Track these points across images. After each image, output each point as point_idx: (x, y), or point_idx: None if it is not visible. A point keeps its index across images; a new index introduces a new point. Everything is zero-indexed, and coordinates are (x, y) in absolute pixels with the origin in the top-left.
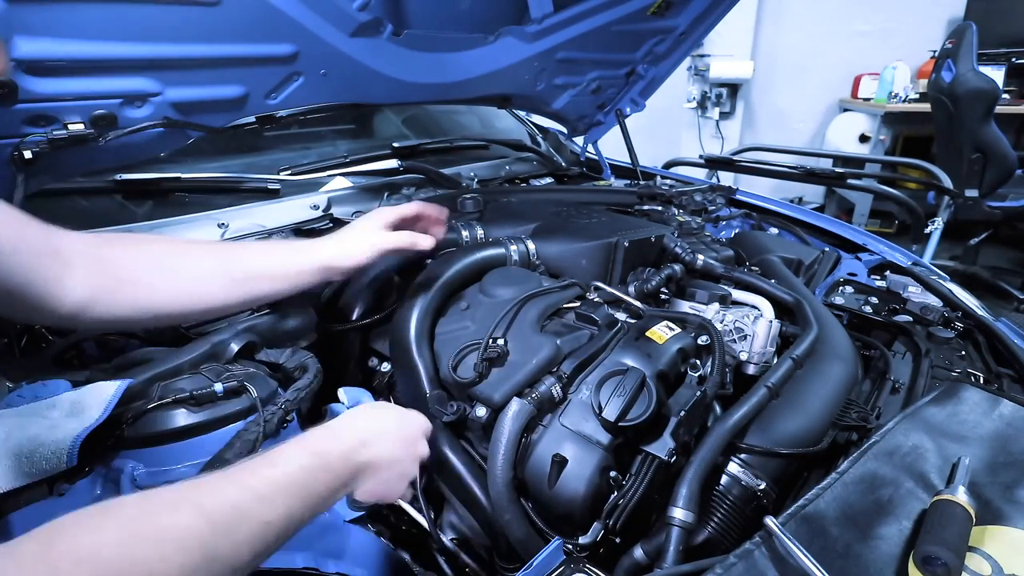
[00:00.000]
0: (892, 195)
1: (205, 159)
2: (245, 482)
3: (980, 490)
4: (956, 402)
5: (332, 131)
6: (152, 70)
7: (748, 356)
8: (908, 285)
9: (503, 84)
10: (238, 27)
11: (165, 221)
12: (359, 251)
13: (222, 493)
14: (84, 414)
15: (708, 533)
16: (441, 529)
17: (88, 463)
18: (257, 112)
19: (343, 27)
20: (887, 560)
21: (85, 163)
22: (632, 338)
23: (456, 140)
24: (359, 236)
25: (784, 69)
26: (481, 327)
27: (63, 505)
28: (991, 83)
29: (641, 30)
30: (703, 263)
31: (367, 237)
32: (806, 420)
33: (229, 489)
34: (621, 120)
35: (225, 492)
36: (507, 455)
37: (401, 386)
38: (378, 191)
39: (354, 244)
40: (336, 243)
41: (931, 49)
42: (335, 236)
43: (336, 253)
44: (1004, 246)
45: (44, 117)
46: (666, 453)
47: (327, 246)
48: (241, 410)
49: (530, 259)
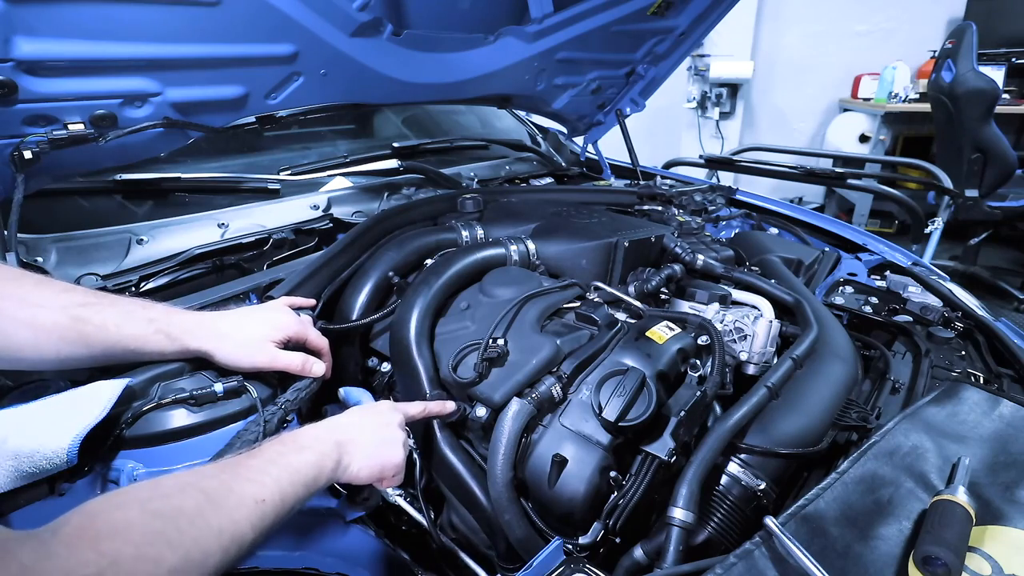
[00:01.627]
0: (892, 195)
1: (205, 159)
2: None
3: (980, 490)
4: (956, 402)
5: (332, 131)
6: (152, 70)
7: (748, 356)
8: (908, 285)
9: (503, 84)
10: (238, 27)
11: (165, 221)
12: (240, 358)
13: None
14: (84, 414)
15: (708, 533)
16: (441, 529)
17: (88, 463)
18: (257, 112)
19: (343, 27)
20: (887, 560)
21: (85, 163)
22: (632, 338)
23: (456, 140)
24: (246, 343)
25: (784, 69)
26: (481, 327)
27: (63, 505)
28: (991, 83)
29: (641, 30)
30: (703, 263)
31: (256, 349)
32: (806, 420)
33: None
34: (621, 120)
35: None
36: (507, 455)
37: (401, 386)
38: (378, 191)
39: (239, 349)
40: (217, 338)
41: (931, 49)
42: (218, 327)
43: (214, 348)
44: (1004, 246)
45: (44, 117)
46: (666, 453)
47: (206, 337)
48: (241, 410)
49: (530, 259)
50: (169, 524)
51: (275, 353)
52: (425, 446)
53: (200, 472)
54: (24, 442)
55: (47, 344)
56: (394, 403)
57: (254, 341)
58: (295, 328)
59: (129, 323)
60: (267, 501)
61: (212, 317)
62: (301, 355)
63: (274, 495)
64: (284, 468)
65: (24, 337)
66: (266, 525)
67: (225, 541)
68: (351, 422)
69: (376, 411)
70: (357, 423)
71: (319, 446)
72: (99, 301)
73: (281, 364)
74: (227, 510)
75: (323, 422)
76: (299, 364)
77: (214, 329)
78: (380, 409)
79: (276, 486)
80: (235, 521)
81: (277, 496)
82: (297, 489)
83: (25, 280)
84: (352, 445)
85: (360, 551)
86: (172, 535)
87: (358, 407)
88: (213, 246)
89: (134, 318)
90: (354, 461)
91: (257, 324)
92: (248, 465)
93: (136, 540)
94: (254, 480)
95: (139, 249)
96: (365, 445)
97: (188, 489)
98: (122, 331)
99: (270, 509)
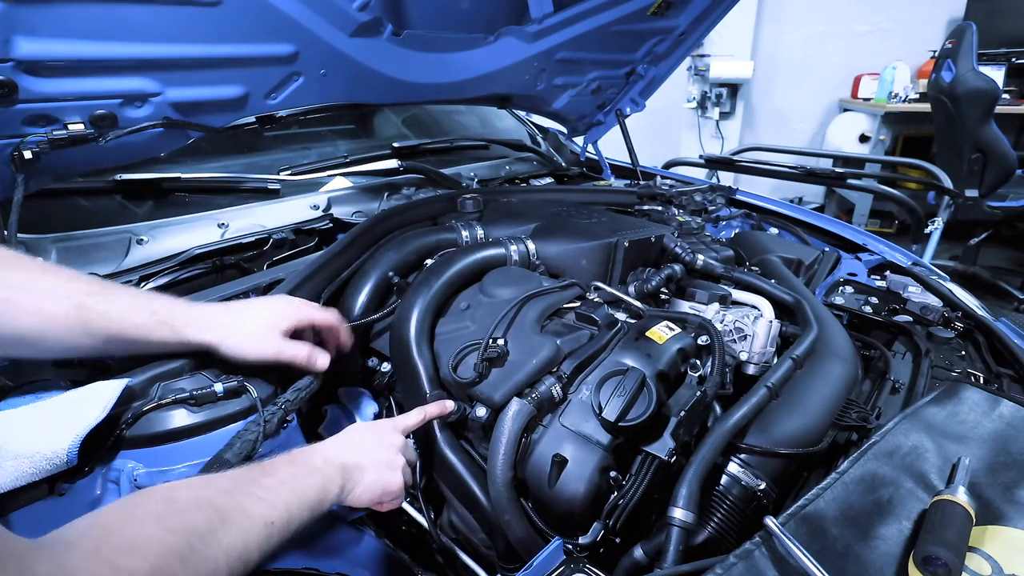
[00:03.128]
0: (892, 195)
1: (205, 159)
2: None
3: (980, 490)
4: (956, 402)
5: (332, 131)
6: (152, 70)
7: (748, 356)
8: (908, 285)
9: (503, 84)
10: (238, 27)
11: (165, 221)
12: (245, 350)
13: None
14: (84, 414)
15: (708, 533)
16: (441, 529)
17: (88, 463)
18: (257, 112)
19: (343, 27)
20: (887, 560)
21: (85, 163)
22: (632, 338)
23: (456, 140)
24: (251, 335)
25: (784, 69)
26: (481, 327)
27: (63, 505)
28: (991, 83)
29: (641, 30)
30: (703, 263)
31: (262, 340)
32: (806, 420)
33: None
34: (621, 120)
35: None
36: (507, 455)
37: (401, 386)
38: (378, 191)
39: (244, 341)
40: (221, 330)
41: (931, 49)
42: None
43: (218, 341)
44: (1004, 246)
45: (44, 117)
46: (666, 453)
47: (210, 329)
48: (241, 410)
49: (530, 259)
50: (183, 541)
51: (281, 344)
52: (425, 446)
53: (214, 485)
54: (24, 442)
55: (51, 332)
56: (395, 421)
57: (260, 332)
58: (299, 314)
59: (133, 313)
60: (275, 523)
61: (216, 309)
62: (308, 346)
63: (282, 517)
64: (294, 491)
65: (29, 324)
66: (271, 546)
67: (232, 560)
68: (356, 447)
69: (378, 433)
70: (359, 447)
71: (327, 470)
72: (104, 291)
73: (288, 355)
74: (238, 530)
75: (331, 443)
76: (305, 356)
77: (218, 321)
78: (382, 431)
79: (285, 509)
80: (244, 541)
81: (285, 518)
82: (303, 512)
83: (32, 267)
84: (357, 471)
85: (360, 551)
86: (185, 552)
87: (360, 427)
88: (213, 246)
89: (138, 308)
90: (357, 486)
91: (261, 314)
92: (261, 484)
93: (152, 557)
94: (265, 500)
95: (139, 249)
96: (368, 471)
97: (202, 505)
98: (125, 321)
99: (277, 531)
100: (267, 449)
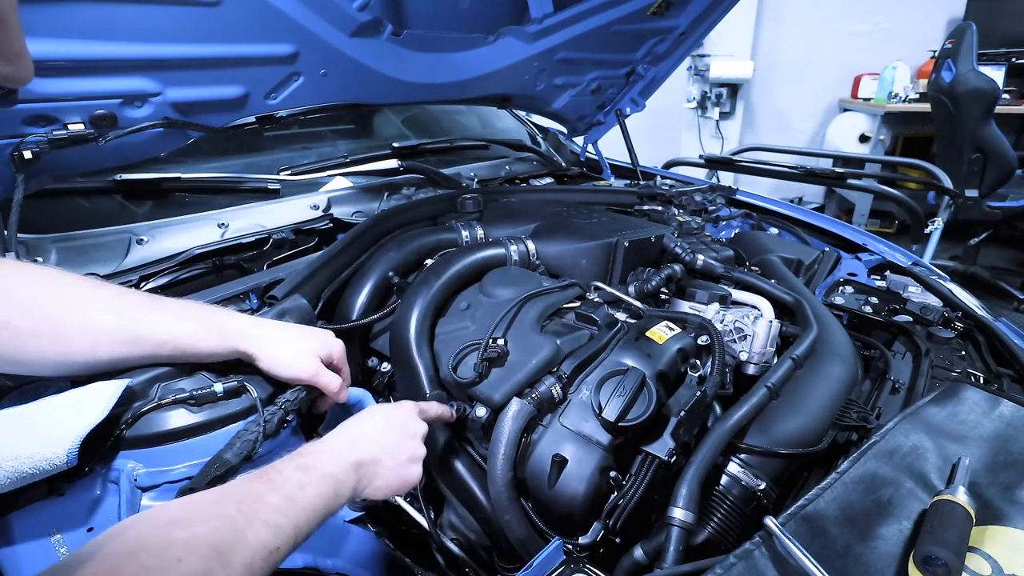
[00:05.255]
0: (892, 195)
1: (205, 159)
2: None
3: (980, 490)
4: (956, 402)
5: (332, 131)
6: (152, 70)
7: (748, 356)
8: (908, 285)
9: (503, 84)
10: (238, 27)
11: (165, 221)
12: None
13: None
14: (84, 415)
15: (708, 533)
16: (441, 529)
17: (88, 463)
18: (257, 112)
19: (343, 27)
20: (887, 560)
21: (85, 163)
22: (632, 338)
23: (456, 140)
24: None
25: (784, 69)
26: (481, 327)
27: (63, 505)
28: (991, 83)
29: (641, 30)
30: (703, 263)
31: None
32: (806, 420)
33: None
34: (621, 120)
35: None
36: (507, 455)
37: (401, 386)
38: (378, 191)
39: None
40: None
41: (931, 49)
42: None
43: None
44: (1004, 246)
45: (44, 117)
46: (666, 453)
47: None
48: (241, 410)
49: (530, 259)
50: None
51: (319, 368)
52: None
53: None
54: (24, 443)
55: (102, 347)
56: (418, 406)
57: (303, 352)
58: (339, 352)
59: (182, 322)
60: (280, 548)
61: (261, 322)
62: (339, 379)
63: (288, 541)
64: (303, 508)
65: (81, 342)
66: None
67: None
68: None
69: (400, 422)
70: (378, 441)
71: (339, 473)
72: (152, 303)
73: (323, 381)
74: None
75: (346, 434)
76: (336, 388)
77: (264, 334)
78: (404, 419)
79: (292, 530)
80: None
81: (291, 541)
82: (311, 526)
83: (83, 285)
84: (372, 466)
85: (360, 551)
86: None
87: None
88: (213, 246)
89: (187, 317)
90: (373, 482)
91: (307, 338)
92: (267, 503)
93: None
94: (270, 525)
95: (139, 249)
96: (385, 465)
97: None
98: (174, 330)
99: (280, 556)
100: (267, 449)
